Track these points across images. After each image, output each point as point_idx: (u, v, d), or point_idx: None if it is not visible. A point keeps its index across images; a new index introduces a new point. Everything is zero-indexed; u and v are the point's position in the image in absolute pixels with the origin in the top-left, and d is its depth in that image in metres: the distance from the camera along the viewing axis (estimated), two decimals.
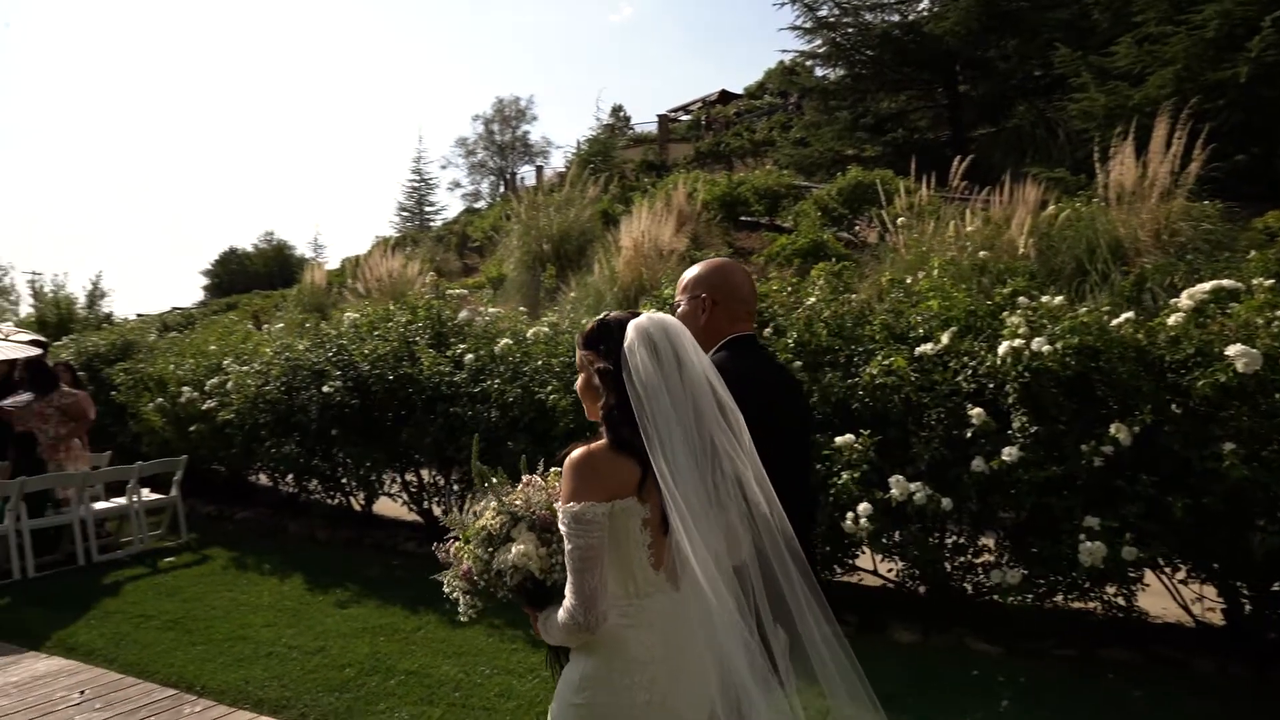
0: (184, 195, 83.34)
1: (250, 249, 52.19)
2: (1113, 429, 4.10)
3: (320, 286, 17.96)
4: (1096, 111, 13.15)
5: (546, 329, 6.49)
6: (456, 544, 2.05)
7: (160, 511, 8.09)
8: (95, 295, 18.68)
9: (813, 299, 5.51)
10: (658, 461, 1.74)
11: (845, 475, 4.56)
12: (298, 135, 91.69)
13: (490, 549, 1.92)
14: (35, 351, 8.29)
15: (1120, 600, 4.50)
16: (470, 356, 6.48)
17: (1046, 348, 4.23)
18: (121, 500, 7.61)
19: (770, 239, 15.17)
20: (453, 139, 75.99)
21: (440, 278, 20.22)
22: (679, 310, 2.35)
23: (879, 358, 4.80)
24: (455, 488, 7.06)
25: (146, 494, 7.88)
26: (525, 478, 2.06)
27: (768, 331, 5.30)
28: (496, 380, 6.17)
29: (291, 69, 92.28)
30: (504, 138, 52.20)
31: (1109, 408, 4.29)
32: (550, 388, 5.83)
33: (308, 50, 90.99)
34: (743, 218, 17.37)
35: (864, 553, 5.07)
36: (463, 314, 7.16)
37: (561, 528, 1.80)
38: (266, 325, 11.25)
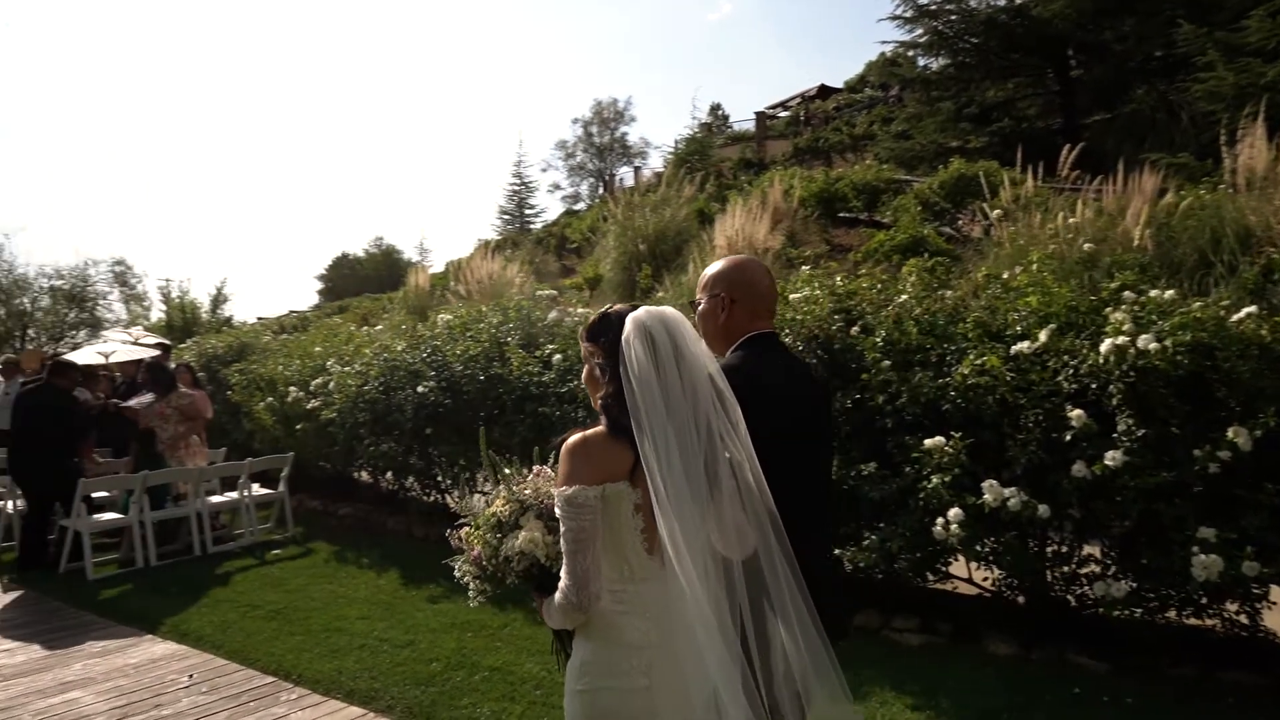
0: (300, 202, 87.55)
1: (361, 254, 54.36)
2: (1230, 433, 3.79)
3: (423, 289, 18.49)
4: (1225, 91, 12.25)
5: None
6: (466, 530, 2.11)
7: (269, 505, 8.51)
8: (218, 300, 19.86)
9: (904, 296, 5.31)
10: (644, 447, 1.80)
11: (935, 479, 4.38)
12: (406, 142, 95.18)
13: (499, 535, 1.98)
14: (155, 354, 8.83)
15: (1243, 619, 4.16)
16: (558, 357, 6.55)
17: (1154, 345, 3.95)
18: (234, 495, 8.02)
19: (868, 235, 14.76)
20: (552, 142, 77.33)
21: (538, 279, 20.64)
22: (700, 308, 2.33)
23: (971, 356, 4.59)
24: None
25: (256, 489, 8.29)
26: (535, 468, 2.11)
27: (855, 330, 5.14)
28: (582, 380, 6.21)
29: (400, 77, 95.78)
30: (602, 140, 52.73)
31: (1228, 410, 3.97)
32: None
33: (415, 58, 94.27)
34: (840, 214, 16.98)
35: (958, 560, 4.85)
36: (552, 314, 7.25)
37: (556, 510, 1.86)
38: (366, 328, 11.67)
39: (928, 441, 4.45)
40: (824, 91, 37.13)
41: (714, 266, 2.37)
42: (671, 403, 1.83)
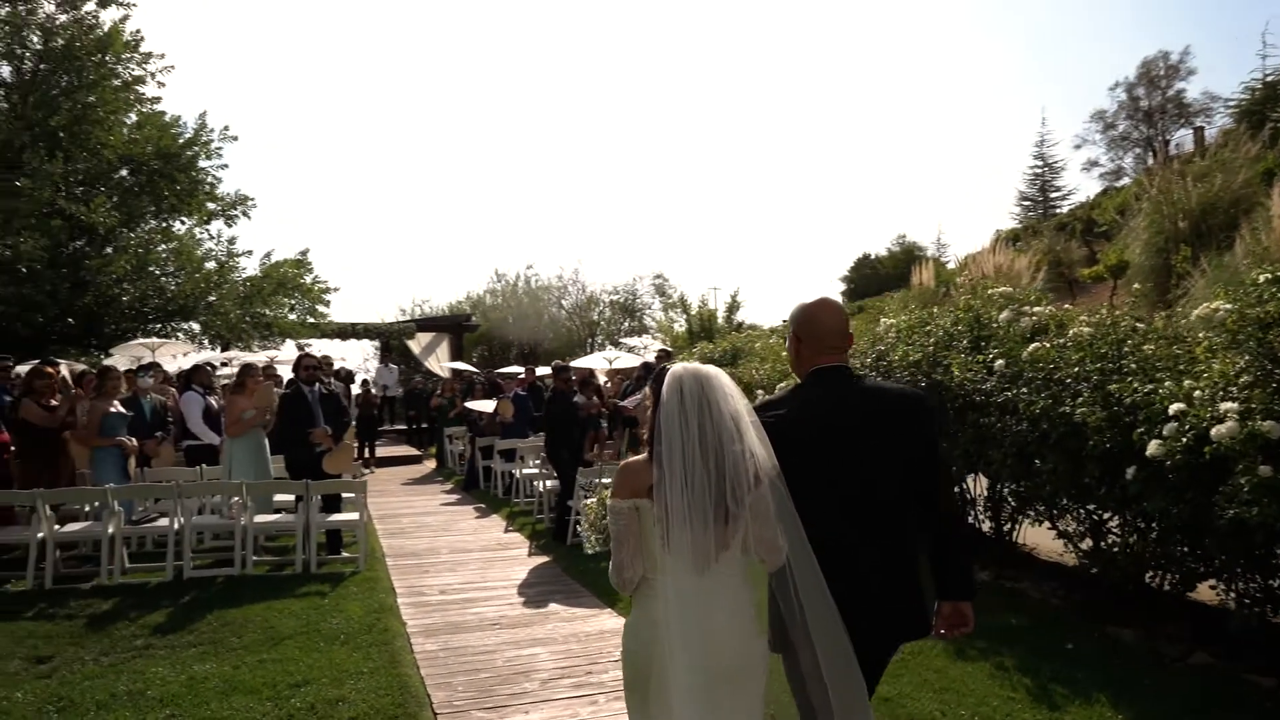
0: (818, 205, 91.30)
1: (883, 253, 54.74)
2: None
3: (928, 286, 17.99)
4: None
5: (1088, 329, 5.50)
6: (588, 502, 2.94)
7: None
8: (733, 307, 21.81)
9: None
10: (655, 474, 2.30)
11: None
12: (919, 131, 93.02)
13: (603, 507, 2.70)
14: (644, 360, 10.07)
15: None
16: (1000, 362, 5.86)
17: None
18: None
19: None
20: (1086, 115, 68.63)
21: (1053, 270, 18.56)
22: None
23: None
24: (1010, 501, 6.51)
25: None
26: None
27: None
28: (1023, 389, 5.47)
29: (907, 64, 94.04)
30: (1152, 102, 45.22)
31: None
32: (1080, 400, 4.95)
33: (926, 42, 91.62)
34: None
35: None
36: (1004, 314, 6.50)
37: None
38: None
39: None
40: None
41: (793, 309, 2.73)
42: (687, 442, 2.28)
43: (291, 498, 8.02)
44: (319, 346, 20.60)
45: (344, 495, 8.06)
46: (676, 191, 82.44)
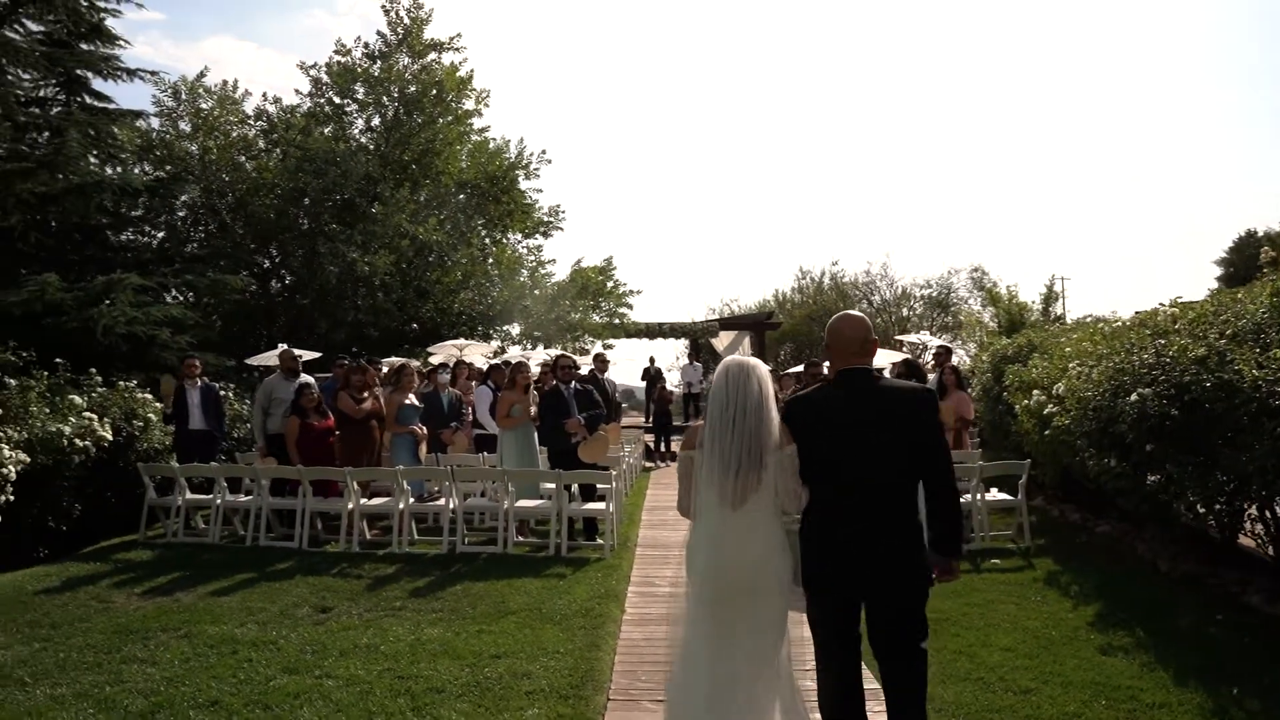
0: (1192, 183, 78.05)
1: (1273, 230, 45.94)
2: None
3: None
4: None
5: None
6: None
7: (1012, 512, 8.22)
8: (1049, 298, 19.57)
9: None
10: (704, 433, 3.16)
11: None
12: None
13: None
14: (905, 356, 9.42)
15: None
16: None
17: None
18: (967, 498, 8.02)
19: None
20: None
21: None
22: None
23: None
24: None
25: (995, 494, 8.12)
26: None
27: None
28: None
29: None
30: None
31: None
32: None
33: None
34: None
35: None
36: None
37: None
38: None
39: None
40: None
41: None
42: (724, 413, 3.11)
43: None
44: (623, 346, 22.02)
45: (598, 485, 8.55)
46: (999, 176, 75.62)
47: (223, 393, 10.70)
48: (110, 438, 8.62)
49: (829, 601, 3.12)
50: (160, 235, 17.29)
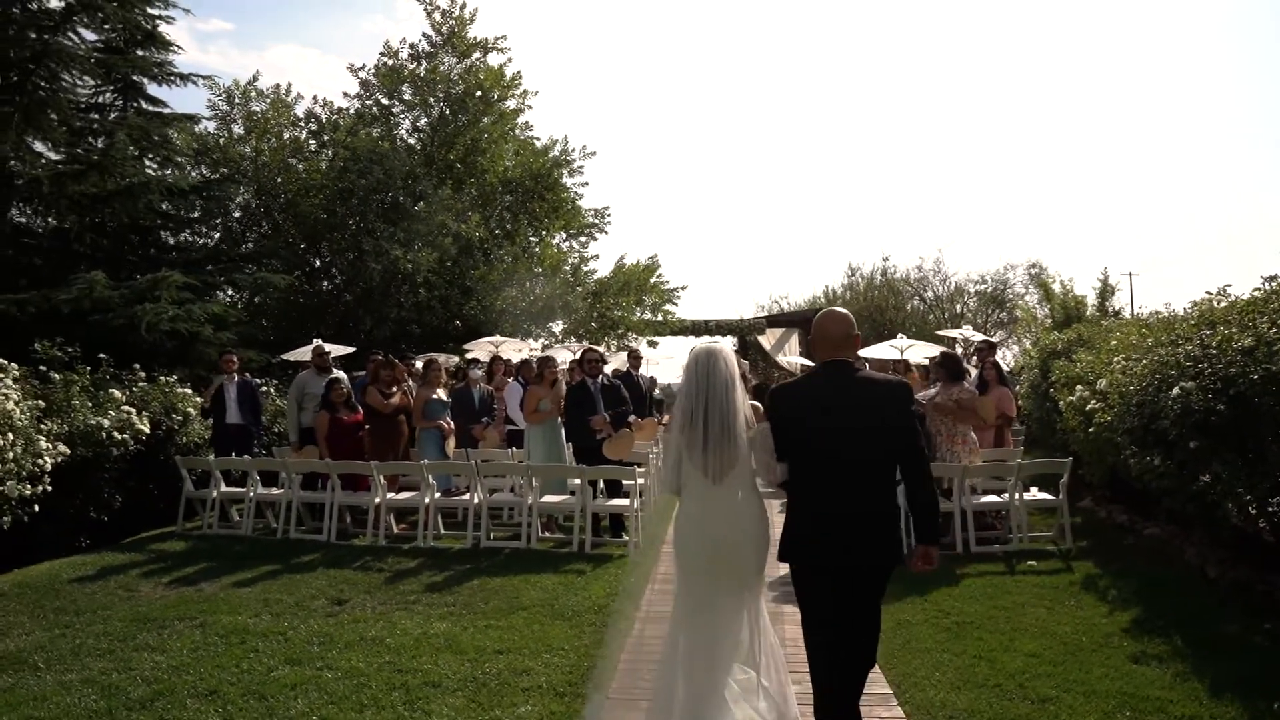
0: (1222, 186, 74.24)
1: None
2: None
3: None
4: None
5: None
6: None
7: (1054, 512, 7.88)
8: (1104, 293, 18.83)
9: None
10: (673, 418, 3.57)
11: None
12: None
13: None
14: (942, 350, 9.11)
15: None
16: None
17: None
18: (1004, 496, 7.71)
19: None
20: None
21: None
22: None
23: None
24: None
25: (1034, 493, 7.79)
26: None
27: None
28: None
29: None
30: None
31: None
32: None
33: None
34: None
35: None
36: None
37: None
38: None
39: None
40: None
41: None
42: (696, 395, 3.42)
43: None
44: (669, 344, 21.89)
45: (624, 481, 8.45)
46: (1062, 171, 73.23)
47: (264, 389, 10.89)
48: (148, 431, 8.83)
49: (810, 571, 3.25)
50: (216, 236, 17.76)
